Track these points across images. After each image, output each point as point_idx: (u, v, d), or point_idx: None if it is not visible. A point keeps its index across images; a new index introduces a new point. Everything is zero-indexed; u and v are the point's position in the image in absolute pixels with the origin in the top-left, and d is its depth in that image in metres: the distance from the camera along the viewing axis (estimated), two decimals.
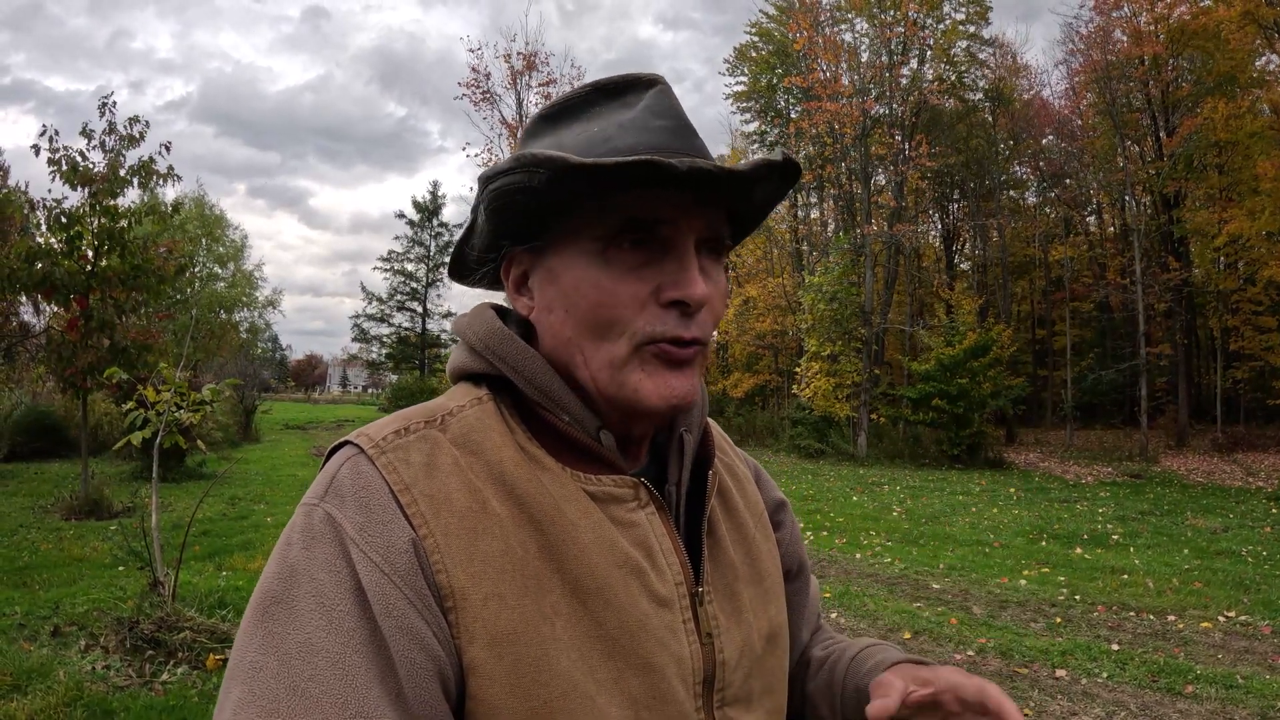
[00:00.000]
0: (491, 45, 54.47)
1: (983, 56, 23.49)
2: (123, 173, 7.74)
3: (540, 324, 0.65)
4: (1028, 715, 3.45)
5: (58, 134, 7.48)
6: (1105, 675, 3.90)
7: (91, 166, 7.59)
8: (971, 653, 4.27)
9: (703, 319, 0.61)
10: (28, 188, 14.14)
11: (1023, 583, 5.85)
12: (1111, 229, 24.67)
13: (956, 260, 29.05)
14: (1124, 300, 19.54)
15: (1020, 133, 23.01)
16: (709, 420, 0.74)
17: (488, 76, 22.46)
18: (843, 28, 20.72)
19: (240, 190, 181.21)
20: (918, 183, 20.86)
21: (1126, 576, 6.00)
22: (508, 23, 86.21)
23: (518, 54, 22.48)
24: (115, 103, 7.84)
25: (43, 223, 7.58)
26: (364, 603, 0.51)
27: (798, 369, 18.80)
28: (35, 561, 5.70)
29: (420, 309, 39.87)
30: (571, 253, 0.61)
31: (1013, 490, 11.56)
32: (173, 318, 15.79)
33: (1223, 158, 18.41)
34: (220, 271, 32.43)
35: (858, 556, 6.82)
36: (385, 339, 39.88)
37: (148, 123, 7.91)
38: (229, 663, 0.51)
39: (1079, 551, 7.02)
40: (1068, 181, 22.00)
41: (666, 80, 0.65)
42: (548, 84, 22.30)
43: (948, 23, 21.37)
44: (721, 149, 27.26)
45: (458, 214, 41.47)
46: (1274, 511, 9.37)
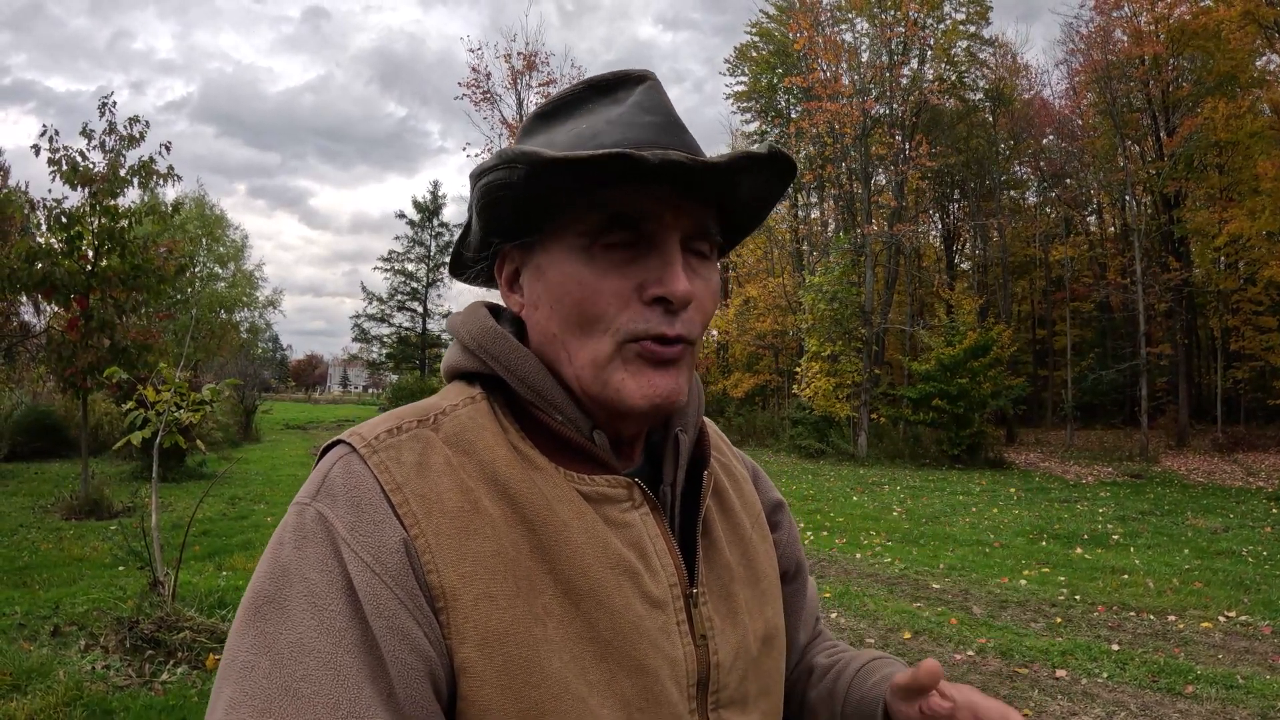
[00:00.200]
0: (491, 45, 54.41)
1: (983, 56, 23.52)
2: (123, 173, 7.74)
3: (529, 320, 0.64)
4: (1028, 715, 3.44)
5: (58, 134, 7.49)
6: (1105, 675, 3.89)
7: (91, 166, 7.59)
8: (971, 653, 4.27)
9: (689, 317, 0.60)
10: (28, 188, 14.24)
11: (1023, 583, 5.84)
12: (1112, 229, 24.68)
13: (957, 260, 29.06)
14: (1124, 300, 19.53)
15: (1020, 133, 23.00)
16: (706, 420, 0.74)
17: (488, 76, 22.53)
18: (843, 28, 20.74)
19: (240, 190, 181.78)
20: (918, 183, 20.87)
21: (1127, 576, 5.99)
22: (508, 23, 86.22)
23: (518, 54, 22.55)
24: (115, 103, 7.85)
25: (43, 223, 7.59)
26: (355, 603, 0.50)
27: (798, 369, 18.80)
28: (35, 561, 5.70)
29: (421, 309, 39.83)
30: (559, 249, 0.60)
31: (1013, 490, 11.55)
32: (173, 318, 15.80)
33: (1223, 158, 18.42)
34: (220, 271, 32.44)
35: (858, 556, 6.82)
36: (385, 339, 39.84)
37: (148, 123, 7.93)
38: (221, 662, 0.51)
39: (1079, 551, 7.02)
40: (1068, 181, 21.98)
41: (658, 77, 0.64)
42: (548, 84, 22.32)
43: (948, 23, 21.38)
44: (722, 149, 27.11)
45: (458, 214, 41.48)
46: (1274, 511, 9.36)
